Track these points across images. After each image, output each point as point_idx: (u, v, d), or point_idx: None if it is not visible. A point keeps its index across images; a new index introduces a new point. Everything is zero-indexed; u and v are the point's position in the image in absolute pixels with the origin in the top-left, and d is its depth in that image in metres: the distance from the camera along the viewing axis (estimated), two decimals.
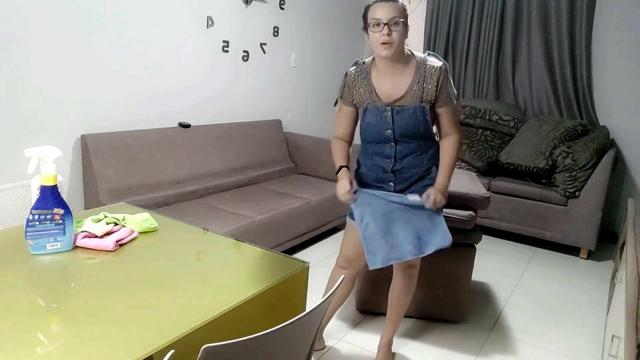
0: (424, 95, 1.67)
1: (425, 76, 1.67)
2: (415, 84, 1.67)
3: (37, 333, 0.93)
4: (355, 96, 1.78)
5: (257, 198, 3.06)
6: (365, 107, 1.75)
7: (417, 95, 1.68)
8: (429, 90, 1.68)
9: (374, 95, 1.73)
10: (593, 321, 2.60)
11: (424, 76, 1.67)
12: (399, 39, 1.61)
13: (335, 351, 2.15)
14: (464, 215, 2.21)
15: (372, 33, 1.63)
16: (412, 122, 1.69)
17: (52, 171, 1.28)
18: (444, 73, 1.69)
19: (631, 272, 1.78)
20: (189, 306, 1.07)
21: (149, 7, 2.81)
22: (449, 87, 1.70)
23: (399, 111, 1.69)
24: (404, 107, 1.68)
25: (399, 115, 1.69)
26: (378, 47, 1.62)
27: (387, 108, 1.70)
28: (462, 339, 2.32)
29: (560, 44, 4.04)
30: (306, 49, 4.22)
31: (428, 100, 1.69)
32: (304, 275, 1.34)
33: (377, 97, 1.72)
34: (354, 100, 1.79)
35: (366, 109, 1.75)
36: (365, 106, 1.75)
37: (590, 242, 3.42)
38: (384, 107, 1.70)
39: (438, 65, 1.68)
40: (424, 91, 1.67)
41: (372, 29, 1.62)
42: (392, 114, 1.69)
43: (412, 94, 1.68)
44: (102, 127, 2.69)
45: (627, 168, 3.94)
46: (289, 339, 0.94)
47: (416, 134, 1.72)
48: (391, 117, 1.70)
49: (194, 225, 1.61)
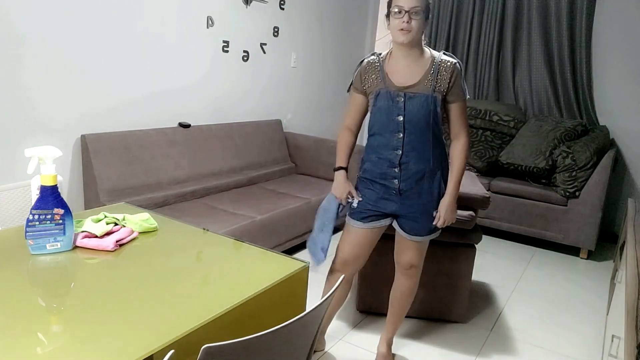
0: (437, 86, 1.70)
1: (439, 69, 1.70)
2: (430, 74, 1.71)
3: (37, 333, 0.93)
4: (367, 82, 1.79)
5: (257, 198, 3.06)
6: (378, 92, 1.76)
7: (431, 84, 1.70)
8: (443, 82, 1.70)
9: (387, 80, 1.74)
10: (593, 321, 2.60)
11: (438, 68, 1.70)
12: (418, 27, 1.65)
13: (336, 351, 2.15)
14: (464, 215, 2.21)
15: (393, 19, 1.67)
16: (423, 110, 1.70)
17: (52, 171, 1.28)
18: (458, 69, 1.73)
19: (631, 272, 1.78)
20: (189, 306, 1.07)
21: (149, 7, 2.81)
22: (462, 83, 1.74)
23: (411, 97, 1.70)
24: (416, 94, 1.70)
25: (411, 101, 1.70)
26: (397, 33, 1.66)
27: (400, 93, 1.71)
28: (462, 339, 2.32)
29: (560, 45, 4.04)
30: (306, 49, 4.22)
31: (440, 91, 1.71)
32: (304, 275, 1.34)
33: (390, 82, 1.74)
34: (366, 86, 1.80)
35: (378, 93, 1.75)
36: (378, 91, 1.76)
37: (590, 242, 3.42)
38: (397, 93, 1.72)
39: (453, 61, 1.73)
40: (437, 82, 1.70)
41: (394, 16, 1.66)
42: (405, 99, 1.71)
43: (426, 83, 1.70)
44: (102, 127, 2.69)
45: (627, 168, 3.94)
46: (289, 339, 0.94)
47: (426, 125, 1.72)
48: (403, 102, 1.71)
49: (194, 225, 1.60)
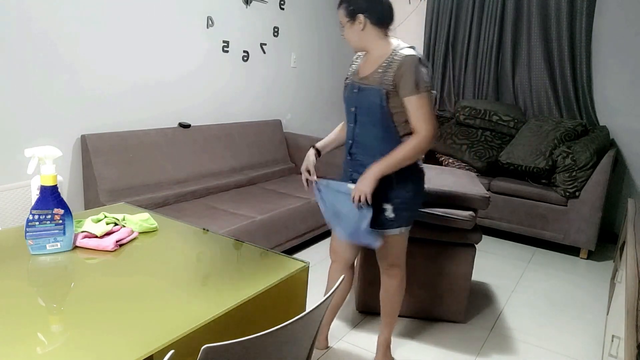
0: (384, 79, 1.70)
1: (390, 62, 1.70)
2: (380, 67, 1.72)
3: (37, 333, 0.93)
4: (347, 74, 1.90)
5: (257, 198, 3.06)
6: (345, 83, 1.86)
7: (379, 78, 1.71)
8: (389, 76, 1.69)
9: (355, 73, 1.83)
10: (593, 321, 2.60)
11: (390, 63, 1.70)
12: (350, 37, 1.76)
13: (335, 351, 2.15)
14: (464, 216, 2.21)
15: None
16: (369, 103, 1.73)
17: (52, 171, 1.28)
18: (408, 62, 1.66)
19: (631, 272, 1.78)
20: (189, 306, 1.07)
21: (149, 7, 2.81)
22: (415, 76, 1.66)
23: (362, 89, 1.75)
24: (366, 87, 1.74)
25: (362, 93, 1.75)
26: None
27: (356, 85, 1.78)
28: (462, 339, 2.32)
29: (560, 44, 4.04)
30: (306, 49, 4.22)
31: (387, 85, 1.69)
32: (304, 275, 1.34)
33: (356, 75, 1.82)
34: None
35: (346, 85, 1.85)
36: (346, 82, 1.86)
37: (590, 242, 3.42)
38: (354, 84, 1.79)
39: (404, 54, 1.68)
40: (385, 75, 1.70)
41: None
42: (358, 91, 1.77)
43: (375, 76, 1.72)
44: (102, 127, 2.69)
45: (627, 168, 3.93)
46: (289, 339, 0.94)
47: (374, 118, 1.73)
48: (356, 94, 1.77)
49: (194, 225, 1.61)
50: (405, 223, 1.84)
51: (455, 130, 4.12)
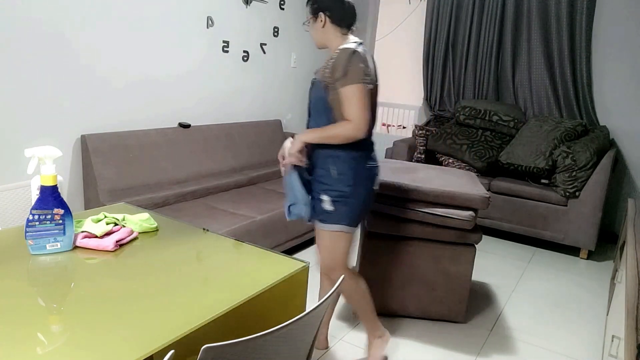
0: (324, 73, 1.77)
1: (332, 57, 1.76)
2: (328, 62, 1.78)
3: (37, 333, 0.93)
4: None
5: (257, 198, 3.06)
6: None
7: (322, 72, 1.79)
8: (328, 70, 1.75)
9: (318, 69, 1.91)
10: (593, 321, 2.60)
11: (332, 57, 1.76)
12: (312, 33, 1.87)
13: (336, 351, 2.16)
14: (464, 216, 2.21)
15: None
16: (315, 97, 1.82)
17: (52, 171, 1.28)
18: (341, 54, 1.71)
19: (631, 272, 1.78)
20: (189, 306, 1.07)
21: (149, 7, 2.81)
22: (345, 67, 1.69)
23: (313, 83, 1.85)
24: (315, 81, 1.83)
25: (313, 87, 1.85)
26: None
27: (312, 80, 1.88)
28: (462, 339, 2.32)
29: (560, 44, 4.04)
30: (306, 49, 4.22)
31: (325, 78, 1.76)
32: (304, 275, 1.34)
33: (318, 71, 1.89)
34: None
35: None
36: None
37: (590, 242, 3.42)
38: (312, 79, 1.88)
39: (342, 47, 1.75)
40: (325, 69, 1.77)
41: None
42: (312, 85, 1.87)
43: (323, 71, 1.79)
44: (102, 127, 2.69)
45: (627, 168, 3.94)
46: (289, 339, 0.94)
47: (320, 110, 1.80)
48: (311, 88, 1.87)
49: (194, 225, 1.61)
50: (346, 221, 1.81)
51: (455, 130, 4.12)
